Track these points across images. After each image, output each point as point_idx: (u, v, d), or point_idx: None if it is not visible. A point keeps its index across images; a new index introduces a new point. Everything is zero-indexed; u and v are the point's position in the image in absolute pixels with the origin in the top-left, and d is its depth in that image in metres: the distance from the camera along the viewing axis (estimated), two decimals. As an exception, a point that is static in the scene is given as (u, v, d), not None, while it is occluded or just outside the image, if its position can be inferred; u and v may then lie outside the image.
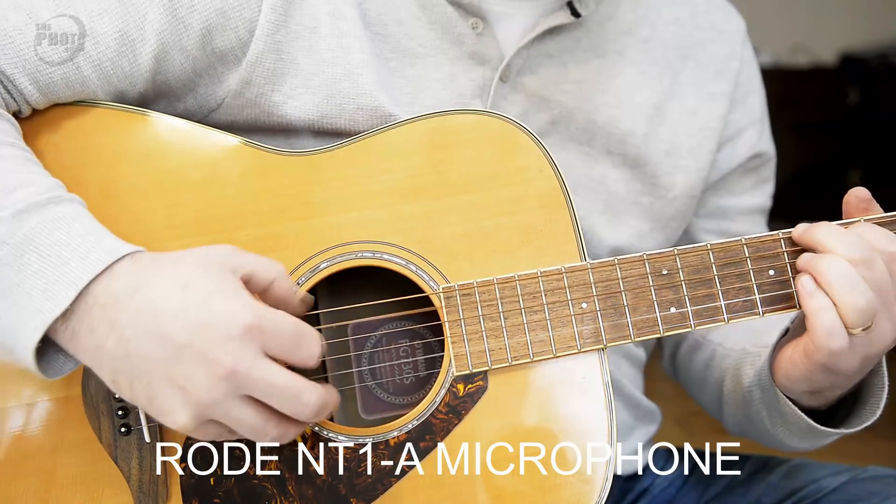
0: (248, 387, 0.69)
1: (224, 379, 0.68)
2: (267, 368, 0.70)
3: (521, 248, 0.83)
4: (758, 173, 1.11)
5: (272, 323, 0.70)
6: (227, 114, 0.91)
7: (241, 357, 0.69)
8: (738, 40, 1.08)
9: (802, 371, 0.82)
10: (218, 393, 0.69)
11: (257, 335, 0.69)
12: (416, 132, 0.85)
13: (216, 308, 0.69)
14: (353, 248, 0.83)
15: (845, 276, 0.77)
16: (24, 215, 0.72)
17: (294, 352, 0.71)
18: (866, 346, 0.79)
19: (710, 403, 1.08)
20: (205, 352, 0.68)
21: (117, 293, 0.70)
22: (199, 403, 0.69)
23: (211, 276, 0.71)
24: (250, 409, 0.71)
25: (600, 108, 0.99)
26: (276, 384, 0.70)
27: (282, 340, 0.71)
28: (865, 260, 0.77)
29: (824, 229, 0.80)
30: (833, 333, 0.77)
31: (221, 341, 0.69)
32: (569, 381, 0.82)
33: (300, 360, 0.72)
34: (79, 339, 0.71)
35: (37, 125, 0.84)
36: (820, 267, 0.78)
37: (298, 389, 0.71)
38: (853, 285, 0.76)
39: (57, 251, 0.71)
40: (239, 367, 0.68)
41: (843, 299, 0.77)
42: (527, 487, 0.80)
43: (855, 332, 0.77)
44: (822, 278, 0.78)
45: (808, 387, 0.84)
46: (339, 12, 0.90)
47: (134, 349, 0.69)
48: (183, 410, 0.69)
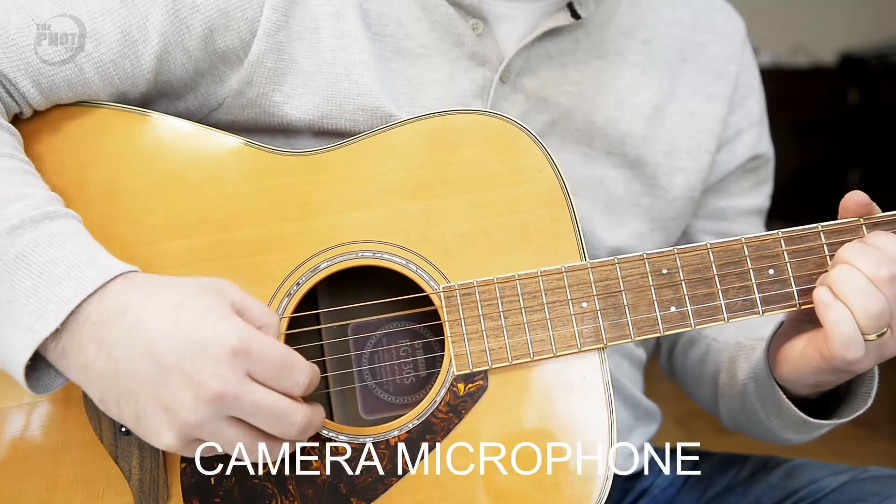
0: (235, 409, 0.70)
1: (210, 402, 0.69)
2: (253, 392, 0.70)
3: (522, 248, 0.84)
4: (756, 175, 1.11)
5: (259, 347, 0.71)
6: (227, 113, 0.91)
7: (228, 380, 0.69)
8: (738, 42, 1.08)
9: (814, 369, 0.82)
10: (204, 415, 0.69)
11: (244, 358, 0.70)
12: (417, 132, 0.85)
13: (206, 330, 0.70)
14: (353, 248, 0.83)
15: (857, 284, 0.78)
16: (17, 231, 0.72)
17: (279, 378, 0.71)
18: (881, 350, 0.80)
19: (706, 398, 1.08)
20: (192, 374, 0.69)
21: (109, 312, 0.71)
22: (185, 424, 0.69)
23: (203, 299, 0.72)
24: (237, 429, 0.71)
25: (600, 110, 0.99)
26: (263, 406, 0.70)
27: (267, 366, 0.71)
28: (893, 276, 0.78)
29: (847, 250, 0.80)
30: (851, 344, 0.78)
31: (209, 364, 0.69)
32: (569, 380, 0.82)
33: (285, 388, 0.72)
34: (68, 357, 0.71)
35: (38, 126, 0.84)
36: (834, 278, 0.79)
37: (284, 410, 0.71)
38: (865, 293, 0.77)
39: (50, 269, 0.71)
40: (226, 391, 0.69)
41: (857, 306, 0.77)
42: (527, 487, 0.80)
43: (870, 337, 0.78)
44: (837, 288, 0.78)
45: (816, 382, 0.85)
46: (339, 13, 0.90)
47: (122, 368, 0.70)
48: (169, 431, 0.70)
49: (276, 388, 0.72)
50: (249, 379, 0.70)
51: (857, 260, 0.79)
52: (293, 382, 0.72)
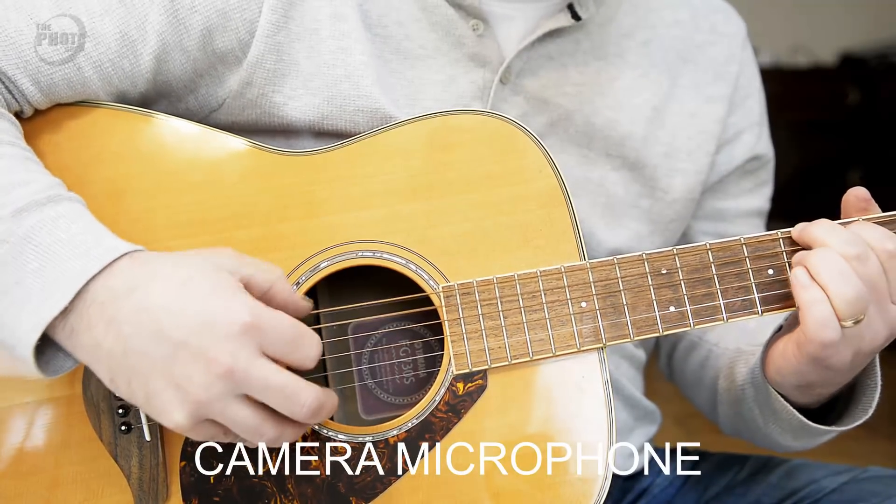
0: (246, 386, 0.70)
1: (221, 378, 0.69)
2: (264, 367, 0.70)
3: (521, 248, 0.84)
4: (756, 176, 1.11)
5: (270, 322, 0.70)
6: (227, 114, 0.91)
7: (238, 356, 0.69)
8: (738, 43, 1.08)
9: (794, 364, 0.82)
10: (215, 392, 0.69)
11: (255, 334, 0.70)
12: (417, 132, 0.85)
13: (214, 307, 0.70)
14: (353, 248, 0.83)
15: (836, 267, 0.77)
16: (23, 214, 0.73)
17: (291, 352, 0.71)
18: (857, 341, 0.79)
19: (705, 403, 1.08)
20: (202, 350, 0.69)
21: (116, 291, 0.70)
22: (196, 402, 0.69)
23: (210, 276, 0.71)
24: (247, 408, 0.71)
25: (600, 111, 0.99)
26: (273, 383, 0.70)
27: (279, 340, 0.71)
28: (859, 255, 0.78)
29: (821, 226, 0.81)
30: (826, 325, 0.77)
31: (219, 340, 0.69)
32: (568, 380, 0.82)
33: (297, 360, 0.72)
34: (77, 337, 0.71)
35: (38, 125, 0.84)
36: (812, 260, 0.79)
37: (295, 389, 0.71)
38: (843, 276, 0.77)
39: (56, 249, 0.71)
40: (236, 366, 0.69)
41: (834, 290, 0.77)
42: (526, 486, 0.80)
43: (846, 324, 0.77)
44: (815, 270, 0.78)
45: (799, 381, 0.84)
46: (339, 14, 0.90)
47: (132, 347, 0.70)
48: (180, 409, 0.70)
49: (288, 361, 0.71)
50: (261, 355, 0.70)
51: (832, 240, 0.78)
52: (305, 355, 0.72)
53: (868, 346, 0.79)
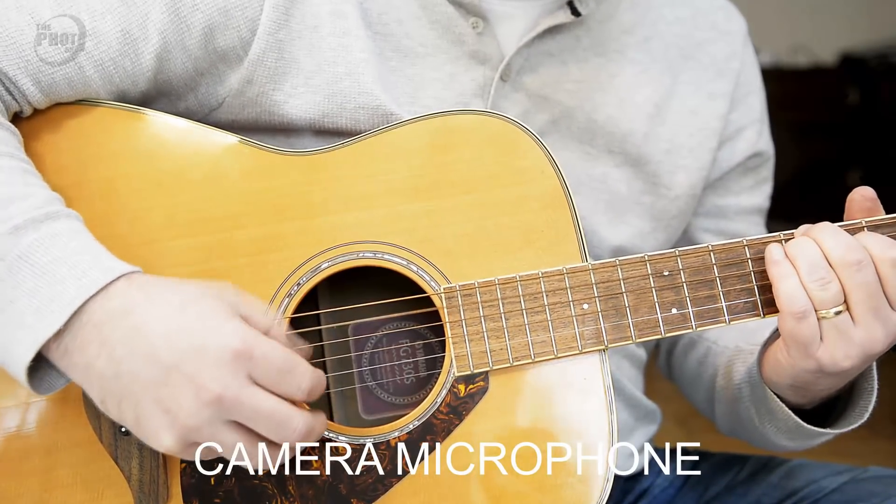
0: (235, 413, 0.70)
1: (210, 404, 0.69)
2: (254, 395, 0.70)
3: (523, 249, 0.83)
4: (757, 173, 1.11)
5: (261, 350, 0.70)
6: (228, 112, 0.91)
7: (228, 383, 0.69)
8: (739, 41, 1.08)
9: (787, 362, 0.82)
10: (204, 417, 0.69)
11: (245, 362, 0.70)
12: (418, 132, 0.85)
13: (207, 332, 0.70)
14: (354, 248, 0.83)
15: (810, 256, 0.78)
16: (20, 231, 0.72)
17: (280, 382, 0.71)
18: (844, 336, 0.78)
19: (703, 401, 1.08)
20: (193, 375, 0.69)
21: (111, 312, 0.70)
22: (184, 427, 0.69)
23: (206, 303, 0.71)
24: (237, 433, 0.71)
25: (601, 108, 0.99)
26: (263, 411, 0.70)
27: (270, 369, 0.71)
28: (859, 261, 0.78)
29: (823, 229, 0.81)
30: (794, 297, 0.78)
31: (210, 366, 0.69)
32: (570, 381, 0.82)
33: (287, 391, 0.72)
34: (70, 357, 0.71)
35: (38, 124, 0.84)
36: (791, 245, 0.80)
37: (285, 415, 0.71)
38: (814, 265, 0.78)
39: (53, 269, 0.71)
40: (226, 393, 0.69)
41: (805, 276, 0.78)
42: (527, 488, 0.80)
43: (825, 314, 0.77)
44: (790, 251, 0.79)
45: (793, 381, 0.84)
46: (340, 11, 0.90)
47: (123, 369, 0.70)
48: (168, 433, 0.70)
49: (278, 392, 0.71)
50: (251, 382, 0.70)
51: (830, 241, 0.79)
52: (295, 387, 0.72)
53: (867, 351, 0.79)
